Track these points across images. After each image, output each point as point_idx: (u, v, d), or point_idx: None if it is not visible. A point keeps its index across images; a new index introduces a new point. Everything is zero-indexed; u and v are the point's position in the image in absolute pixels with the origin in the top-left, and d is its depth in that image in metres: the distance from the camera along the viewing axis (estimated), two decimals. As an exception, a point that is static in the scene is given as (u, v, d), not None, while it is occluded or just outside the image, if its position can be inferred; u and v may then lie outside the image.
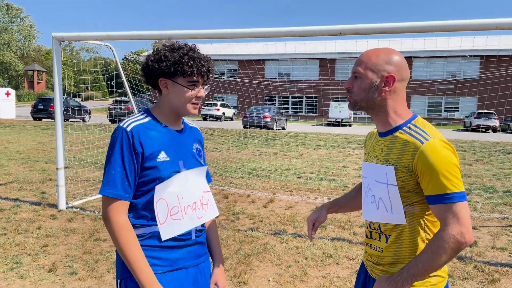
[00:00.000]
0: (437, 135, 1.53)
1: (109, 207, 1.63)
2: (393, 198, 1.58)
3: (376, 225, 1.68)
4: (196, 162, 1.83)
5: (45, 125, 21.75)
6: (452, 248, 1.45)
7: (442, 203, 1.47)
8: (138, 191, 1.68)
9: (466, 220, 1.46)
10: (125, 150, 1.63)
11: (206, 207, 1.83)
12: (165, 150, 1.71)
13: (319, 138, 19.83)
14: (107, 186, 1.63)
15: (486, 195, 8.01)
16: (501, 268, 4.39)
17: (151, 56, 1.74)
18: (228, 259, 4.48)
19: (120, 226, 1.61)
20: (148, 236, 1.68)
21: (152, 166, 1.66)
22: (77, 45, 70.32)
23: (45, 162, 10.46)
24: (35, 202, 6.60)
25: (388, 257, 1.63)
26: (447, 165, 1.47)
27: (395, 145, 1.59)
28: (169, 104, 1.75)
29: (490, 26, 4.47)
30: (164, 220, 1.69)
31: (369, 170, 1.70)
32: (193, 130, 1.93)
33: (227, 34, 5.56)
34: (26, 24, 61.55)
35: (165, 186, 1.68)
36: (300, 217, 6.20)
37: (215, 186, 8.24)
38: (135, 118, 1.73)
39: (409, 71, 1.64)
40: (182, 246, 1.74)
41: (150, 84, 1.78)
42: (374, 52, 1.61)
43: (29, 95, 53.78)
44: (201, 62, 1.72)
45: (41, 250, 4.57)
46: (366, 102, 1.62)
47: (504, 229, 5.83)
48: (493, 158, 13.81)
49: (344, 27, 4.96)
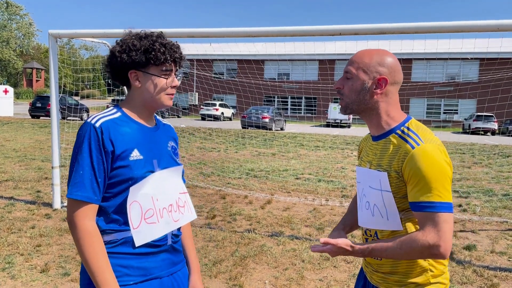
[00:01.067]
0: (430, 140, 1.46)
1: (77, 211, 1.47)
2: (388, 205, 1.52)
3: (373, 232, 1.62)
4: (172, 161, 1.70)
5: (42, 123, 21.65)
6: (419, 252, 1.40)
7: (423, 211, 1.41)
8: (108, 193, 1.53)
9: (446, 234, 1.38)
10: (93, 148, 1.48)
11: (183, 209, 1.70)
12: (138, 148, 1.56)
13: (318, 139, 19.78)
14: (75, 187, 1.47)
15: (485, 198, 7.95)
16: (500, 272, 4.33)
17: (117, 47, 1.58)
18: (224, 261, 4.41)
19: (87, 232, 1.46)
20: (119, 242, 1.53)
21: (124, 165, 1.51)
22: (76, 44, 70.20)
23: (42, 160, 10.38)
24: (30, 201, 6.53)
25: (387, 265, 1.58)
26: (436, 172, 1.39)
27: (387, 149, 1.54)
28: (141, 98, 1.61)
29: (492, 27, 4.42)
30: (137, 224, 1.54)
31: (362, 176, 1.64)
32: (167, 128, 1.80)
33: (225, 33, 5.50)
34: (26, 22, 61.43)
35: (139, 187, 1.54)
36: (297, 219, 6.14)
37: (212, 187, 8.18)
38: (105, 113, 1.58)
39: (402, 74, 1.58)
40: (156, 252, 1.60)
41: (117, 79, 1.63)
42: (367, 53, 1.55)
43: (27, 93, 53.66)
44: (172, 48, 1.59)
45: (34, 250, 4.50)
46: (357, 105, 1.56)
47: (503, 233, 5.77)
48: (492, 161, 13.77)
49: (344, 27, 4.90)
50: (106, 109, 1.63)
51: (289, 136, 20.95)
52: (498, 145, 19.97)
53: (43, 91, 51.01)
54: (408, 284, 1.53)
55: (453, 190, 8.65)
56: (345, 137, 22.08)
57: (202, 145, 15.36)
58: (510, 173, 11.24)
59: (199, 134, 19.09)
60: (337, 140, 19.75)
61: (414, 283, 1.52)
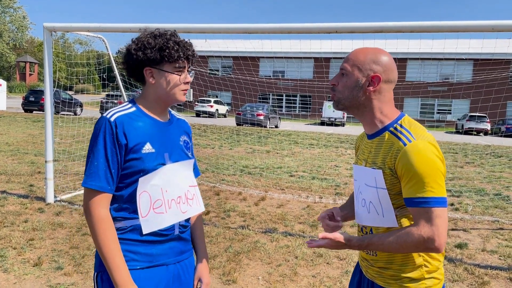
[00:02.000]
0: (422, 136, 1.48)
1: (91, 200, 1.57)
2: (383, 202, 1.54)
3: (368, 229, 1.64)
4: (183, 155, 1.77)
5: (35, 118, 21.50)
6: (415, 246, 1.43)
7: (417, 207, 1.43)
8: (121, 183, 1.62)
9: (441, 228, 1.40)
10: (108, 141, 1.57)
11: (191, 201, 1.77)
12: (150, 142, 1.65)
13: (312, 137, 19.82)
14: (90, 178, 1.57)
15: (477, 197, 8.03)
16: (491, 271, 4.38)
17: (133, 45, 1.66)
18: (217, 256, 4.42)
19: (100, 219, 1.56)
20: (128, 229, 1.63)
21: (136, 158, 1.60)
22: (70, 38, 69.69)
23: (35, 154, 10.32)
24: (23, 195, 6.49)
25: (382, 261, 1.60)
26: (428, 168, 1.41)
27: (381, 147, 1.56)
28: (156, 94, 1.69)
29: (487, 27, 4.45)
30: (146, 213, 1.63)
31: (359, 173, 1.67)
32: (181, 122, 1.87)
33: (221, 29, 5.49)
34: (19, 15, 60.82)
35: (148, 178, 1.62)
36: (291, 216, 6.16)
37: (206, 183, 8.18)
38: (120, 108, 1.66)
39: (396, 73, 1.59)
40: (163, 241, 1.67)
41: (133, 75, 1.70)
42: (362, 51, 1.58)
43: (20, 86, 53.20)
44: (185, 46, 1.67)
45: (26, 244, 4.48)
46: (349, 101, 1.59)
47: (495, 232, 5.83)
48: (484, 161, 13.88)
49: (340, 25, 4.91)
50: (121, 104, 1.71)
51: (284, 134, 20.97)
52: (490, 145, 20.13)
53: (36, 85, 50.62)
54: (402, 279, 1.55)
55: (446, 189, 8.71)
56: (339, 135, 22.14)
57: (196, 141, 15.35)
58: (502, 173, 11.34)
59: (193, 131, 19.06)
60: (331, 138, 19.81)
61: (409, 278, 1.54)
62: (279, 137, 18.84)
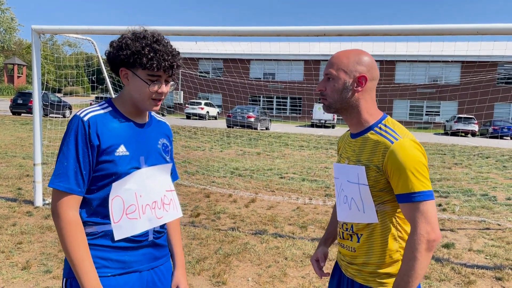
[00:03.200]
0: (406, 135, 1.56)
1: (60, 201, 1.50)
2: (364, 198, 1.60)
3: (349, 225, 1.69)
4: (161, 158, 1.70)
5: (24, 120, 21.28)
6: (425, 249, 1.47)
7: (411, 202, 1.49)
8: (93, 185, 1.55)
9: (433, 219, 1.48)
10: (79, 141, 1.51)
11: (168, 207, 1.70)
12: (124, 144, 1.58)
13: (303, 139, 19.90)
14: (58, 178, 1.50)
15: (464, 198, 8.14)
16: (478, 270, 4.45)
17: (114, 42, 1.61)
18: (207, 258, 4.43)
19: (69, 222, 1.48)
20: (99, 235, 1.56)
21: (109, 160, 1.54)
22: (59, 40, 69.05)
23: (23, 157, 10.22)
24: (11, 198, 6.44)
25: (361, 257, 1.65)
26: (416, 164, 1.49)
27: (366, 145, 1.61)
28: (130, 96, 1.62)
29: (471, 31, 4.54)
30: (118, 218, 1.56)
31: (341, 171, 1.71)
32: (161, 124, 1.80)
33: (211, 31, 5.51)
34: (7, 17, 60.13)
35: (122, 182, 1.56)
36: (281, 217, 6.19)
37: (196, 185, 8.18)
38: (95, 107, 1.60)
39: (378, 71, 1.67)
40: (136, 247, 1.61)
41: (114, 72, 1.64)
42: (344, 54, 1.63)
43: (8, 89, 52.60)
44: (163, 56, 1.55)
45: (15, 248, 4.45)
46: (340, 103, 1.64)
47: (481, 231, 5.92)
48: (472, 162, 14.06)
49: (328, 28, 4.96)
50: (97, 103, 1.64)
51: (274, 136, 21.03)
52: (478, 146, 20.39)
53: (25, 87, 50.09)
54: (381, 275, 1.60)
55: (434, 190, 8.82)
56: (329, 137, 22.26)
57: (187, 143, 15.32)
58: (489, 174, 11.50)
59: (184, 133, 19.02)
60: (322, 140, 19.91)
61: (387, 274, 1.59)
62: (270, 139, 18.88)
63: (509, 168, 12.76)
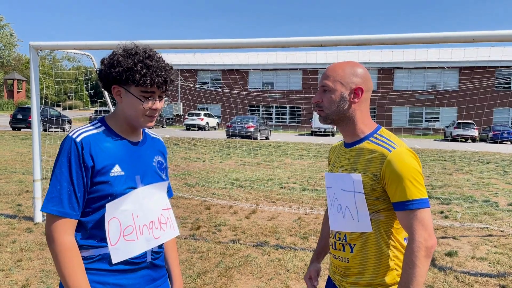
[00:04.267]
0: (401, 144, 1.59)
1: (53, 225, 1.45)
2: (359, 206, 1.60)
3: (342, 235, 1.68)
4: (157, 176, 1.67)
5: (24, 135, 21.29)
6: (424, 255, 1.47)
7: (409, 209, 1.50)
8: (88, 208, 1.51)
9: (429, 225, 1.50)
10: (73, 163, 1.46)
11: (165, 226, 1.66)
12: (119, 164, 1.54)
13: (302, 148, 19.89)
14: (51, 202, 1.46)
15: (466, 204, 8.10)
16: (481, 278, 4.41)
17: (106, 60, 1.58)
18: (208, 272, 4.39)
19: (64, 248, 1.43)
20: (96, 258, 1.51)
21: (104, 181, 1.49)
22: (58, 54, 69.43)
23: (23, 173, 10.20)
24: (11, 215, 6.41)
25: (355, 267, 1.63)
26: (413, 173, 1.51)
27: (362, 154, 1.62)
28: (123, 114, 1.59)
29: (467, 38, 4.55)
30: (116, 241, 1.51)
31: (334, 180, 1.71)
32: (156, 141, 1.77)
33: (209, 44, 5.53)
34: (6, 32, 60.55)
35: (118, 203, 1.51)
36: (282, 228, 6.15)
37: (197, 197, 8.15)
38: (87, 127, 1.56)
39: (372, 82, 1.69)
40: (134, 269, 1.57)
41: (106, 89, 1.61)
42: (339, 66, 1.65)
43: (8, 104, 52.76)
44: (156, 71, 1.52)
45: (14, 265, 4.41)
46: (337, 115, 1.65)
47: (484, 238, 5.88)
48: (473, 167, 14.04)
49: (325, 39, 4.98)
50: (90, 123, 1.61)
51: (274, 145, 21.02)
52: (478, 152, 20.37)
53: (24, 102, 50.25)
54: (376, 286, 1.59)
55: (435, 197, 8.79)
56: (330, 145, 22.25)
57: (186, 155, 15.31)
58: (490, 179, 11.47)
59: (183, 145, 19.01)
60: (322, 149, 19.90)
61: (383, 284, 1.59)
62: (270, 149, 18.87)
63: (510, 173, 12.73)
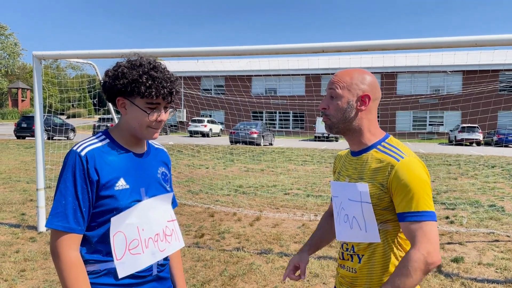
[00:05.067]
0: (410, 154, 1.55)
1: (59, 241, 1.44)
2: (367, 216, 1.56)
3: (350, 246, 1.64)
4: (161, 188, 1.66)
5: (28, 144, 21.38)
6: (422, 269, 1.42)
7: (413, 221, 1.46)
8: (93, 222, 1.50)
9: (434, 240, 1.44)
10: (78, 177, 1.45)
11: (170, 238, 1.65)
12: (124, 177, 1.53)
13: (306, 154, 19.85)
14: (56, 217, 1.45)
15: (472, 209, 8.03)
16: (488, 284, 4.36)
17: (110, 71, 1.57)
18: (212, 281, 4.36)
19: (70, 263, 1.42)
20: (102, 273, 1.49)
21: (109, 195, 1.48)
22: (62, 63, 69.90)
23: (27, 182, 10.22)
24: (14, 224, 6.41)
25: (362, 278, 1.60)
26: (421, 184, 1.47)
27: (369, 163, 1.58)
28: (128, 126, 1.58)
29: (470, 43, 4.53)
30: (121, 255, 1.50)
31: (341, 189, 1.67)
32: (159, 152, 1.75)
33: (211, 52, 5.54)
34: (11, 42, 61.06)
35: (123, 217, 1.50)
36: (286, 235, 6.12)
37: (200, 205, 8.13)
38: (91, 140, 1.55)
39: (380, 91, 1.66)
40: (141, 283, 1.55)
41: (110, 101, 1.61)
42: (347, 73, 1.62)
43: (13, 113, 53.11)
44: (162, 83, 1.52)
45: (18, 276, 4.40)
46: (343, 123, 1.61)
47: (490, 244, 5.82)
48: (478, 172, 13.95)
49: (326, 45, 4.98)
50: (93, 135, 1.60)
51: (278, 151, 20.99)
52: (483, 155, 20.26)
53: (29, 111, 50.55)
54: None
55: (440, 202, 8.73)
56: (333, 150, 22.20)
57: (190, 162, 15.31)
58: (496, 184, 11.39)
59: (187, 151, 19.03)
60: (325, 154, 19.85)
61: None
62: (273, 155, 18.85)
63: (515, 177, 12.63)
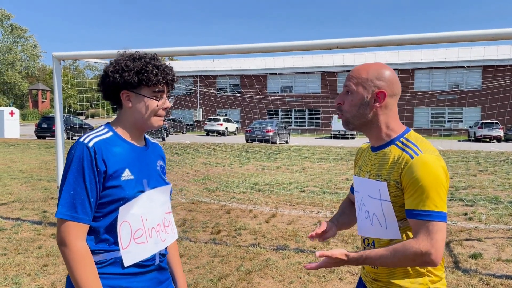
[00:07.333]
0: (429, 150, 1.50)
1: (67, 230, 1.45)
2: (387, 214, 1.55)
3: (371, 241, 1.65)
4: (161, 180, 1.71)
5: (48, 144, 21.84)
6: (415, 263, 1.43)
7: (418, 219, 1.44)
8: (98, 212, 1.52)
9: (439, 242, 1.42)
10: (86, 168, 1.47)
11: (168, 229, 1.71)
12: (129, 168, 1.57)
13: (322, 151, 19.79)
14: (65, 207, 1.46)
15: (491, 206, 7.92)
16: (507, 280, 4.31)
17: (110, 67, 1.61)
18: (229, 276, 4.42)
19: (78, 253, 1.44)
20: (109, 262, 1.53)
21: (115, 185, 1.52)
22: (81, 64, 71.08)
23: (48, 180, 10.47)
24: (37, 221, 6.58)
25: (384, 274, 1.60)
26: (433, 182, 1.43)
27: (387, 159, 1.57)
28: (132, 118, 1.62)
29: (487, 36, 4.47)
30: (127, 244, 1.54)
31: (361, 185, 1.67)
32: (156, 146, 1.81)
33: (226, 50, 5.59)
34: (30, 44, 62.39)
35: (128, 207, 1.54)
36: (302, 232, 6.14)
37: (217, 202, 8.20)
38: (97, 132, 1.58)
39: (400, 86, 1.62)
40: (144, 272, 1.60)
41: (109, 98, 1.65)
42: (364, 68, 1.59)
43: (33, 114, 54.28)
44: (165, 70, 1.61)
45: (40, 270, 4.53)
46: (358, 119, 1.60)
47: (510, 240, 5.74)
48: (498, 168, 13.70)
49: (341, 41, 4.97)
50: (97, 128, 1.63)
51: (294, 149, 20.98)
52: (504, 152, 19.87)
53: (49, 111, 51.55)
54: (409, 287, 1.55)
55: (459, 199, 8.62)
56: (350, 148, 22.07)
57: (206, 160, 15.43)
58: (516, 180, 11.18)
59: (203, 150, 19.17)
60: (342, 152, 19.75)
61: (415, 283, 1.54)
62: (289, 153, 18.85)
63: (537, 173, 12.37)
